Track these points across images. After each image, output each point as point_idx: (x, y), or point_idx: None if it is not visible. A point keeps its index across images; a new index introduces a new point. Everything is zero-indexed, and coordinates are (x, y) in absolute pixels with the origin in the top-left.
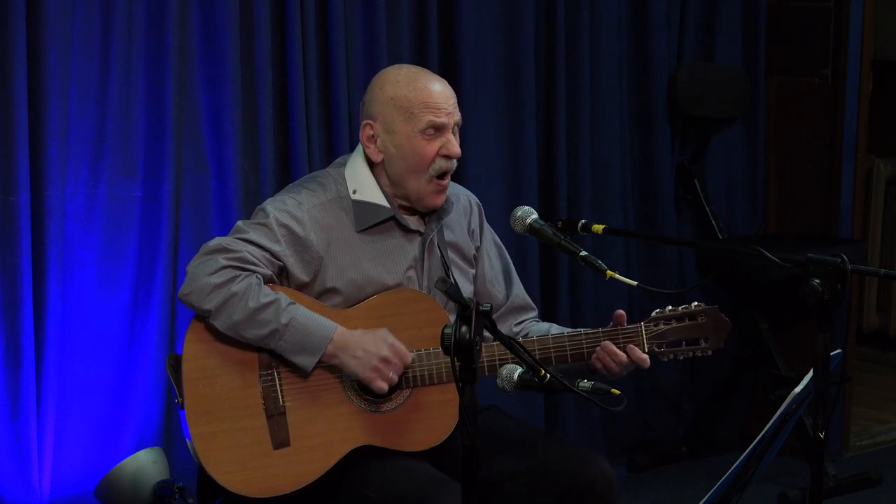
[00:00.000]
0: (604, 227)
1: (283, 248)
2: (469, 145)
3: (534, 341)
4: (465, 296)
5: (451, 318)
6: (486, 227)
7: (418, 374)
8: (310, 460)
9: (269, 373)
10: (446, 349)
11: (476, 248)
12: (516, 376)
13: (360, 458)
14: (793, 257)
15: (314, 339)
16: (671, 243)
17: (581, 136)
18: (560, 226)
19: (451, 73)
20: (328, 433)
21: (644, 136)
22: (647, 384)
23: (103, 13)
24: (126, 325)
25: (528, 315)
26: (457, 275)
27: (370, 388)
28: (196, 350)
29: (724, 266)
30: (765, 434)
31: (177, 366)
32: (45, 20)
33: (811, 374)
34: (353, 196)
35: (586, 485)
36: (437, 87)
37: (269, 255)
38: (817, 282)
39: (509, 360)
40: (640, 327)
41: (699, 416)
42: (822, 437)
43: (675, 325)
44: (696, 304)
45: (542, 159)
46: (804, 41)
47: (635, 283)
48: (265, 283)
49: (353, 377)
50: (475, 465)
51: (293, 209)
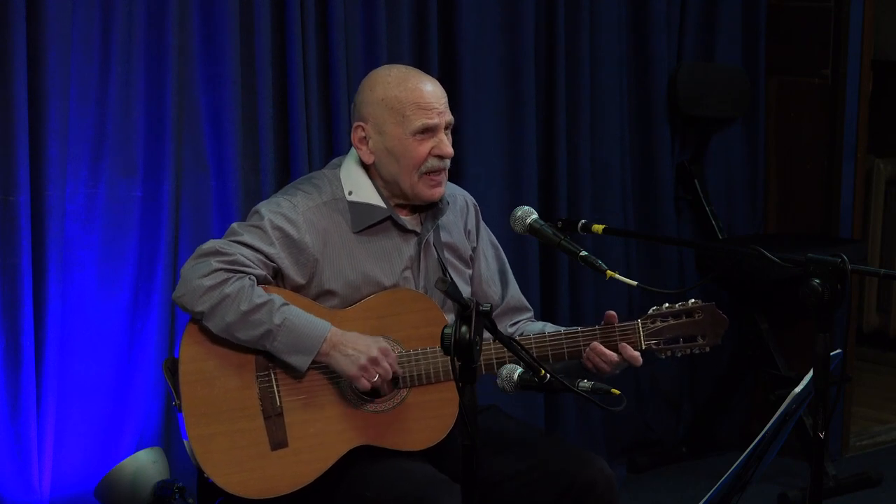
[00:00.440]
0: (604, 227)
1: (277, 251)
2: (469, 145)
3: (530, 339)
4: (464, 296)
5: (448, 318)
6: (482, 227)
7: (415, 373)
8: (308, 461)
9: (266, 374)
10: (446, 349)
11: (472, 249)
12: (516, 376)
13: (358, 459)
14: (793, 257)
15: (308, 339)
16: (671, 243)
17: (581, 136)
18: (560, 226)
19: (451, 73)
20: (326, 434)
21: (644, 136)
22: (646, 384)
23: (103, 13)
24: (126, 325)
25: (524, 316)
26: (453, 275)
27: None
28: (192, 352)
29: (724, 266)
30: (765, 434)
31: (174, 369)
32: (45, 20)
33: (811, 374)
34: (349, 197)
35: (586, 486)
36: (429, 87)
37: (262, 258)
38: (817, 282)
39: (507, 360)
40: (637, 324)
41: (699, 416)
42: (822, 437)
43: (672, 322)
44: (693, 300)
45: (542, 159)
46: (804, 41)
47: (635, 283)
48: (260, 284)
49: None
50: (475, 465)
51: (288, 211)
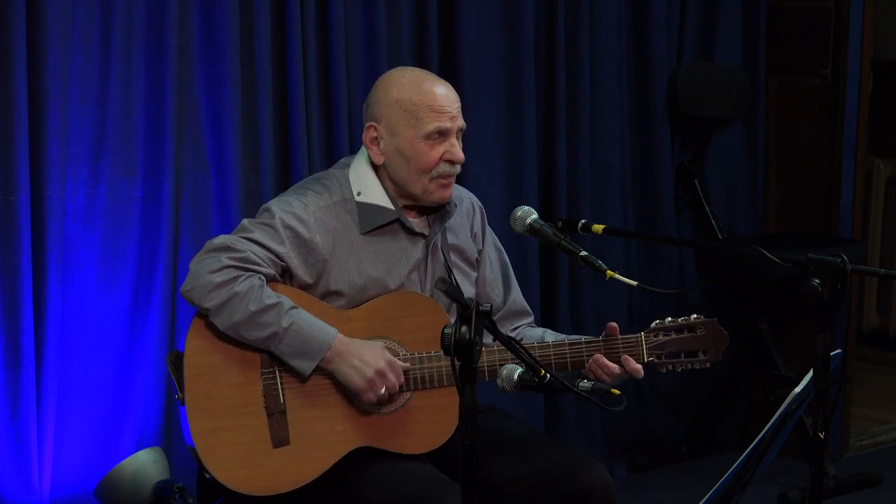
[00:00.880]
0: (604, 227)
1: (287, 250)
2: (469, 145)
3: (535, 347)
4: (464, 296)
5: (453, 321)
6: (487, 230)
7: (419, 376)
8: (309, 460)
9: (271, 371)
10: (446, 349)
11: (478, 251)
12: (516, 376)
13: (359, 459)
14: (793, 257)
15: (314, 345)
16: (671, 243)
17: (581, 136)
18: (560, 226)
19: (451, 73)
20: (328, 433)
21: (644, 136)
22: (647, 384)
23: (103, 13)
24: (126, 325)
25: (525, 320)
26: (459, 278)
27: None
28: (198, 346)
29: (724, 266)
30: (765, 434)
31: (178, 362)
32: (45, 20)
33: (811, 374)
34: (358, 198)
35: (585, 492)
36: (443, 91)
37: (272, 256)
38: (817, 282)
39: (509, 362)
40: (640, 337)
41: (699, 416)
42: (822, 437)
43: (674, 336)
44: (695, 316)
45: (542, 159)
46: (804, 41)
47: (635, 283)
48: (268, 282)
49: (345, 385)
50: (475, 465)
51: (299, 211)
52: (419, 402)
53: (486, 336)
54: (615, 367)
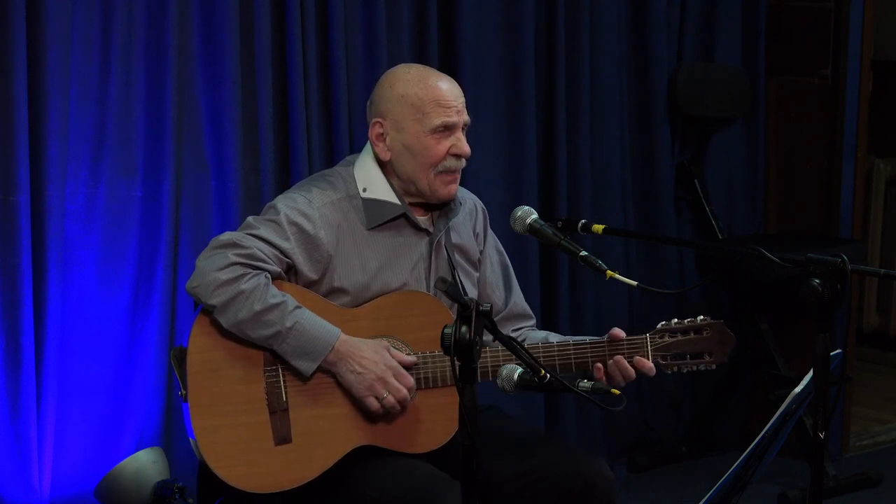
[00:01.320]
0: (604, 227)
1: (292, 246)
2: (469, 145)
3: (538, 348)
4: (464, 296)
5: None
6: (489, 232)
7: (422, 376)
8: (311, 458)
9: (274, 369)
10: (446, 349)
11: (480, 252)
12: (516, 376)
13: (360, 458)
14: (793, 257)
15: (316, 345)
16: (671, 243)
17: (581, 136)
18: (560, 226)
19: (452, 73)
20: (330, 432)
21: (644, 136)
22: (647, 384)
23: (103, 13)
24: (126, 325)
25: (526, 323)
26: (462, 277)
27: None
28: (202, 343)
29: (724, 266)
30: (765, 434)
31: (181, 358)
32: (45, 20)
33: (811, 374)
34: (364, 194)
35: (586, 487)
36: (447, 86)
37: (278, 253)
38: (817, 282)
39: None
40: (646, 339)
41: (699, 416)
42: (822, 437)
43: (679, 338)
44: (701, 317)
45: (542, 159)
46: (804, 41)
47: (635, 283)
48: (273, 280)
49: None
50: (475, 465)
51: (304, 207)
52: (422, 401)
53: (486, 335)
54: (632, 371)
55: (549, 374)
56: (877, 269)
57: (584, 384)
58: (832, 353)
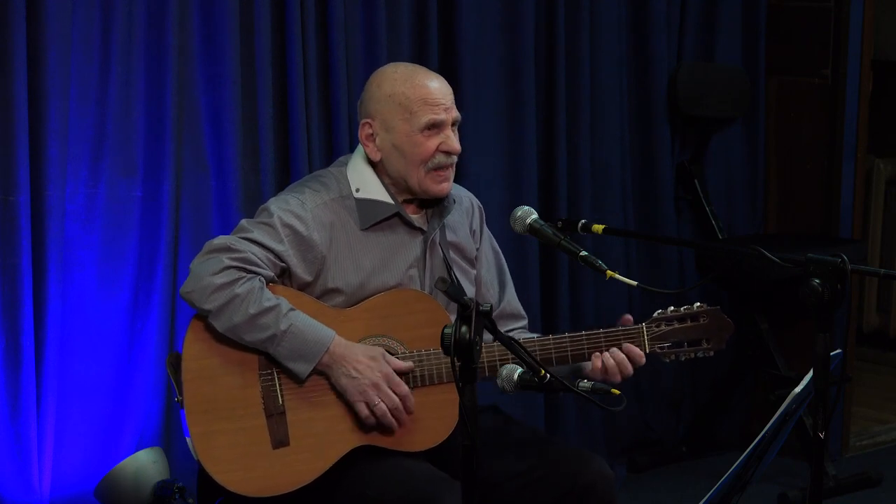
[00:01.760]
0: (604, 227)
1: (286, 248)
2: (469, 145)
3: (534, 341)
4: (464, 296)
5: (452, 319)
6: (485, 230)
7: (418, 374)
8: (309, 460)
9: (269, 373)
10: (446, 349)
11: (476, 249)
12: (516, 376)
13: (359, 458)
14: (793, 257)
15: (311, 347)
16: (671, 243)
17: (581, 136)
18: (560, 226)
19: (451, 73)
20: (327, 433)
21: (644, 136)
22: (646, 384)
23: (103, 13)
24: (126, 325)
25: (518, 324)
26: (459, 275)
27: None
28: (196, 349)
29: (724, 266)
30: (765, 434)
31: (177, 364)
32: (45, 20)
33: (811, 374)
34: (356, 194)
35: (586, 487)
36: (435, 84)
37: (272, 256)
38: (817, 282)
39: (510, 361)
40: (642, 328)
41: (699, 416)
42: (822, 437)
43: (676, 325)
44: (698, 304)
45: (542, 159)
46: (804, 41)
47: (635, 283)
48: (267, 284)
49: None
50: (475, 465)
51: (297, 209)
52: (419, 399)
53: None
54: (629, 364)
55: (548, 374)
56: (877, 269)
57: (584, 384)
58: (832, 353)
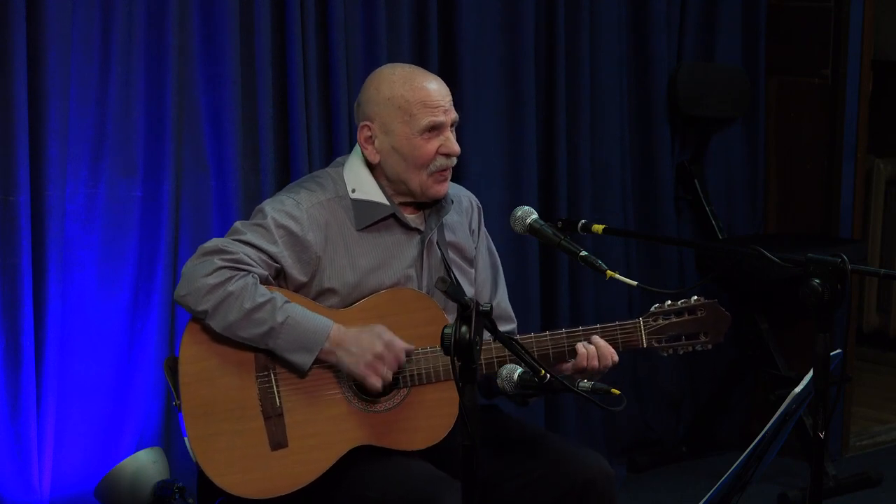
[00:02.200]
0: (604, 227)
1: (280, 250)
2: (469, 145)
3: (531, 338)
4: (465, 296)
5: (449, 318)
6: (483, 230)
7: (416, 373)
8: (308, 461)
9: (266, 374)
10: (446, 349)
11: (475, 248)
12: (516, 376)
13: (359, 458)
14: (793, 257)
15: (311, 337)
16: (671, 243)
17: (581, 136)
18: (560, 226)
19: (451, 73)
20: (326, 434)
21: (644, 136)
22: (647, 384)
23: (103, 13)
24: (126, 325)
25: (507, 326)
26: (458, 275)
27: (364, 384)
28: (193, 352)
29: (724, 266)
30: (765, 434)
31: (174, 368)
32: (45, 20)
33: (811, 374)
34: (353, 195)
35: (586, 484)
36: (434, 86)
37: (265, 257)
38: (817, 282)
39: (507, 361)
40: (639, 322)
41: (699, 416)
42: (822, 437)
43: (674, 319)
44: (695, 298)
45: (542, 159)
46: (804, 41)
47: (635, 283)
48: (262, 283)
49: (347, 373)
50: (475, 465)
51: (292, 209)
52: (417, 398)
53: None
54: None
55: (548, 374)
56: (877, 269)
57: (584, 384)
58: (832, 353)
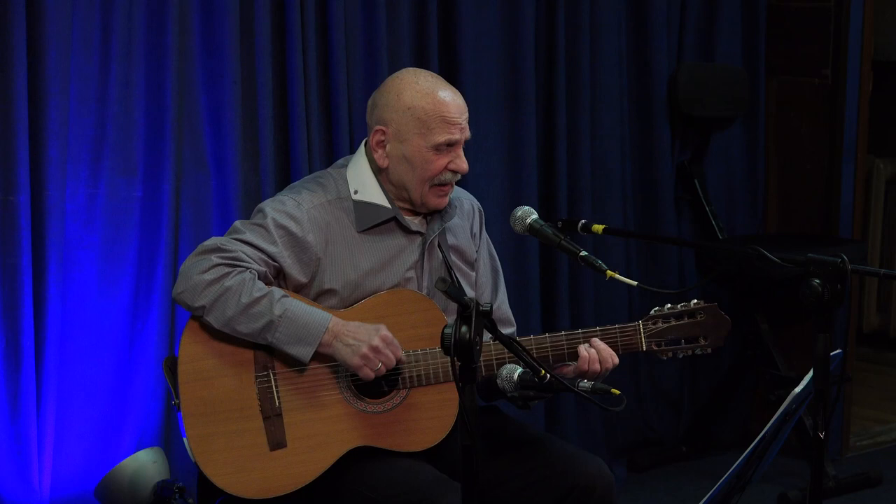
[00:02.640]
0: (604, 227)
1: (279, 250)
2: (469, 145)
3: (531, 339)
4: (464, 296)
5: (449, 320)
6: (484, 234)
7: (415, 374)
8: (306, 461)
9: (266, 374)
10: (446, 349)
11: (476, 252)
12: (516, 376)
13: (358, 459)
14: (793, 257)
15: (310, 329)
16: (671, 243)
17: (581, 136)
18: (560, 226)
19: (451, 73)
20: (325, 434)
21: (644, 136)
22: (647, 384)
23: (103, 13)
24: (126, 325)
25: (507, 330)
26: (459, 278)
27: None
28: (192, 352)
29: (724, 266)
30: (765, 434)
31: (173, 368)
32: (45, 20)
33: (811, 374)
34: (355, 196)
35: (585, 488)
36: (455, 102)
37: (264, 257)
38: (817, 282)
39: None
40: (638, 325)
41: (699, 416)
42: (822, 437)
43: (673, 323)
44: (695, 301)
45: (542, 159)
46: (804, 41)
47: (635, 283)
48: (260, 280)
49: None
50: (475, 465)
51: (292, 209)
52: (416, 399)
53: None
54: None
55: (548, 374)
56: (877, 269)
57: (584, 384)
58: (832, 353)
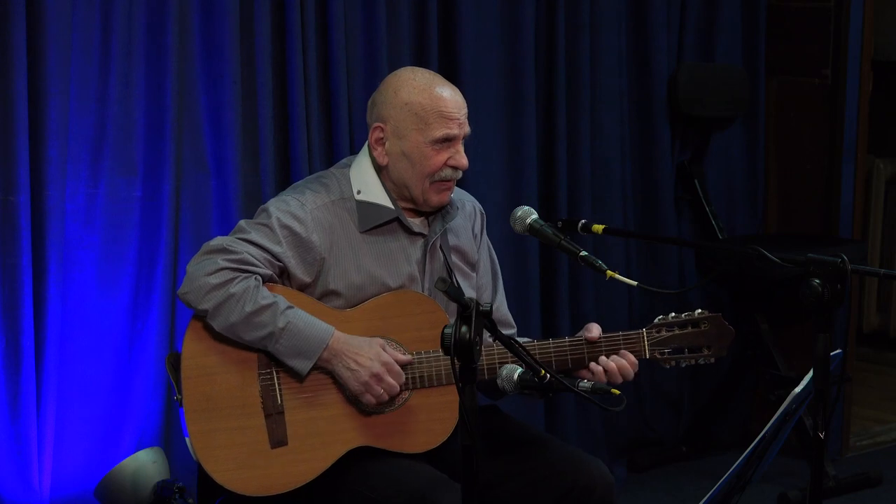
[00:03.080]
0: (604, 227)
1: (283, 250)
2: (469, 145)
3: (534, 345)
4: (464, 296)
5: (450, 320)
6: (485, 236)
7: (418, 375)
8: (307, 460)
9: (269, 372)
10: (446, 349)
11: (477, 253)
12: (516, 376)
13: (359, 458)
14: (793, 257)
15: (310, 344)
16: (671, 243)
17: (581, 136)
18: (560, 226)
19: (451, 73)
20: (326, 433)
21: (644, 136)
22: (647, 384)
23: (103, 13)
24: (126, 325)
25: (506, 331)
26: (460, 279)
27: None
28: (195, 348)
29: (724, 266)
30: (765, 434)
31: (176, 363)
32: (45, 20)
33: (811, 374)
34: (358, 196)
35: (585, 489)
36: (454, 98)
37: (269, 257)
38: (817, 282)
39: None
40: (642, 333)
41: (699, 416)
42: (822, 437)
43: (677, 331)
44: (699, 311)
45: (542, 159)
46: (804, 41)
47: (635, 283)
48: (265, 282)
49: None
50: (475, 465)
51: (296, 210)
52: (418, 401)
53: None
54: (630, 369)
55: (548, 374)
56: (877, 269)
57: (584, 384)
58: (832, 353)
